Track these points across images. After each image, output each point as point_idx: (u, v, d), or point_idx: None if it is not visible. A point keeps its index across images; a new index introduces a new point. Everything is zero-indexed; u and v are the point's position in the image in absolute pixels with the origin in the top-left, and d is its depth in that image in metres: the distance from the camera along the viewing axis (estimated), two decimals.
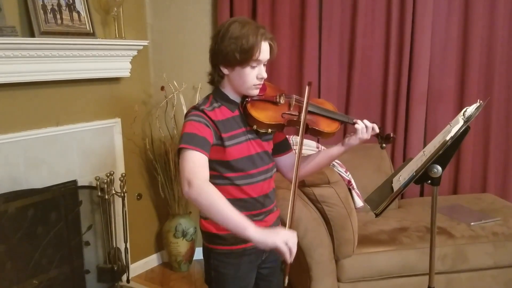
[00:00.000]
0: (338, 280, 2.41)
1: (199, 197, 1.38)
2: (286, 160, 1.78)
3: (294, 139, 2.64)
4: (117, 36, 2.81)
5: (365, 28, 3.23)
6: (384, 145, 1.75)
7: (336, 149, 1.72)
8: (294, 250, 1.33)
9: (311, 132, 1.67)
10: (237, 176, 1.58)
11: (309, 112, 1.65)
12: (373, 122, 1.69)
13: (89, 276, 2.85)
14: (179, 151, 1.47)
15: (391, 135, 1.73)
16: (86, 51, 2.60)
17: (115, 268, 2.84)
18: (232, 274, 1.64)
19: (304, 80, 3.22)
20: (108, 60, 2.76)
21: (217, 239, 1.62)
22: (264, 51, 1.53)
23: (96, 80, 2.80)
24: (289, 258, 1.33)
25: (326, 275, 2.37)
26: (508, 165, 3.44)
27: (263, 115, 1.57)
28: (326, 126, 1.68)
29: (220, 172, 1.57)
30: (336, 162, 2.64)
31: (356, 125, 1.67)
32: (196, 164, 1.43)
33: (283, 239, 1.32)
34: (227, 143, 1.54)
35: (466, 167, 3.38)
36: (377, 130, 1.69)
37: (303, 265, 2.39)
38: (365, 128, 1.66)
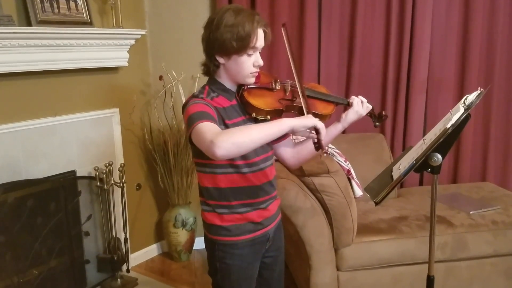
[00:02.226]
0: (338, 269, 2.42)
1: (233, 140, 1.32)
2: (284, 146, 1.78)
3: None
4: (114, 25, 2.79)
5: (365, 17, 3.21)
6: (377, 123, 1.83)
7: (333, 127, 1.73)
8: (324, 129, 1.48)
9: None
10: (242, 164, 1.57)
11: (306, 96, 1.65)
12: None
13: (89, 266, 2.86)
14: (191, 133, 1.43)
15: (383, 113, 1.81)
16: (83, 40, 2.58)
17: (115, 258, 2.85)
18: (238, 265, 1.64)
19: (304, 69, 3.20)
20: (106, 49, 2.74)
21: (223, 231, 1.62)
22: (260, 38, 1.53)
23: (94, 70, 2.78)
24: (323, 135, 1.47)
25: (326, 264, 2.38)
26: (508, 154, 3.43)
27: (261, 102, 1.57)
28: (323, 108, 1.70)
29: (228, 160, 1.55)
30: (335, 152, 2.64)
31: (351, 100, 1.72)
32: (211, 129, 1.39)
33: (316, 119, 1.47)
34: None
35: (466, 156, 3.37)
36: (370, 106, 1.74)
37: (303, 254, 2.40)
38: (360, 102, 1.71)
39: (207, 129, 1.38)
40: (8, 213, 2.41)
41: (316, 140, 1.49)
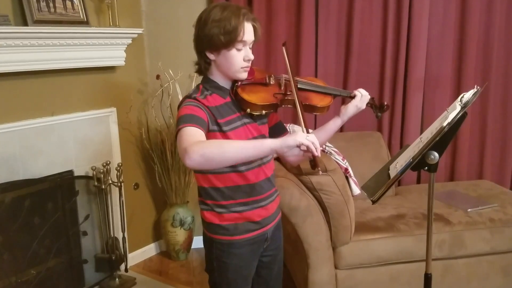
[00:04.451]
0: (336, 267, 2.42)
1: (203, 152, 1.29)
2: None
3: (291, 128, 2.64)
4: (111, 24, 2.79)
5: (362, 15, 3.21)
6: (379, 114, 1.82)
7: (332, 122, 1.73)
8: (317, 143, 1.33)
9: (305, 108, 1.67)
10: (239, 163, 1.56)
11: (301, 89, 1.66)
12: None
13: (87, 265, 2.86)
14: (177, 134, 1.43)
15: (385, 104, 1.81)
16: (80, 39, 2.58)
17: (113, 257, 2.84)
18: (235, 264, 1.64)
19: (302, 66, 3.20)
20: (103, 48, 2.74)
21: (221, 230, 1.62)
22: (248, 31, 1.52)
23: (91, 69, 2.78)
24: (315, 151, 1.32)
25: (324, 262, 2.38)
26: (505, 152, 3.44)
27: (255, 97, 1.57)
28: (319, 100, 1.69)
29: None
30: (333, 150, 2.64)
31: (355, 92, 1.72)
32: (192, 135, 1.37)
33: (303, 136, 1.32)
34: (225, 128, 1.53)
35: (463, 154, 3.38)
36: (369, 97, 1.75)
37: (301, 253, 2.40)
38: (362, 96, 1.71)
39: (188, 134, 1.38)
40: (5, 213, 2.40)
41: (310, 158, 1.37)
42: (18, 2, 2.38)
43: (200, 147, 1.30)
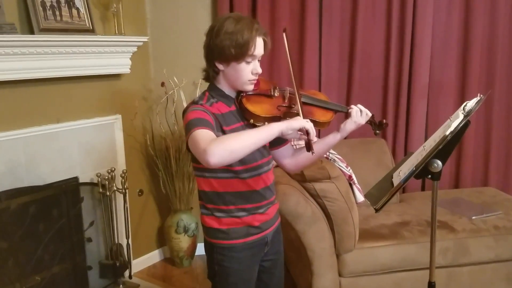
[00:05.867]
0: (340, 275, 2.42)
1: (224, 146, 1.33)
2: (283, 152, 1.80)
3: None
4: (116, 32, 2.81)
5: (366, 22, 3.22)
6: (377, 131, 1.84)
7: (332, 136, 1.74)
8: (313, 130, 1.47)
9: None
10: (242, 170, 1.59)
11: (304, 104, 1.67)
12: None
13: (91, 272, 2.86)
14: (188, 140, 1.44)
15: (384, 121, 1.82)
16: (85, 47, 2.60)
17: (117, 264, 2.85)
18: (236, 268, 1.65)
19: (305, 74, 3.21)
20: (108, 56, 2.76)
21: (221, 234, 1.63)
22: (259, 46, 1.55)
23: (96, 77, 2.79)
24: (312, 135, 1.47)
25: (328, 269, 2.38)
26: (510, 159, 3.43)
27: (259, 108, 1.59)
28: (321, 115, 1.71)
29: (227, 166, 1.56)
30: (336, 157, 2.64)
31: (350, 110, 1.72)
32: (207, 137, 1.40)
33: (304, 120, 1.47)
34: None
35: (467, 161, 3.37)
36: (370, 114, 1.75)
37: (304, 260, 2.40)
38: (359, 111, 1.71)
39: (202, 136, 1.40)
40: (10, 220, 2.42)
41: (307, 141, 1.49)
42: (25, 10, 2.41)
43: (219, 143, 1.35)
